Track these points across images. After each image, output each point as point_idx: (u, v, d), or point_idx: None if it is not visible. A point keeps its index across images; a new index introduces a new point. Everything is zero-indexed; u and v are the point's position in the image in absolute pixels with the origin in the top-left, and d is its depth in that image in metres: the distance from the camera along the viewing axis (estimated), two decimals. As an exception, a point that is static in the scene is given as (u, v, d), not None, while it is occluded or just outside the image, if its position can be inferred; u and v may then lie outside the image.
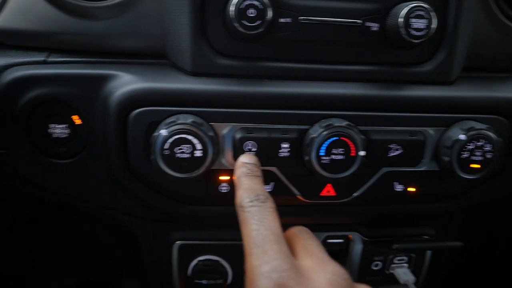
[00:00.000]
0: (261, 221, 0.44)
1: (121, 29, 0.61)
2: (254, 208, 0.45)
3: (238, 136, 0.59)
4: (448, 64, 0.62)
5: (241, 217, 0.46)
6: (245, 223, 0.45)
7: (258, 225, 0.44)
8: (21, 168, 0.65)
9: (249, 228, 0.44)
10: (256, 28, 0.54)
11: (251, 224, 0.44)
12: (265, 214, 0.45)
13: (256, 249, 0.42)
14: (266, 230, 0.43)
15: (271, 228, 0.44)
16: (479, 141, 0.60)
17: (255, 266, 0.41)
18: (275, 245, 0.42)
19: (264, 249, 0.41)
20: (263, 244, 0.42)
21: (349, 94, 0.60)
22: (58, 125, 0.62)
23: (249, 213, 0.45)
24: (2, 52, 0.63)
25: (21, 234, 0.95)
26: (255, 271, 0.40)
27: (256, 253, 0.41)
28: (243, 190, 0.48)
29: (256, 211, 0.45)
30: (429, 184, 0.66)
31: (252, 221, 0.44)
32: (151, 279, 0.81)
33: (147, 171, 0.60)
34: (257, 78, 0.60)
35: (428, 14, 0.56)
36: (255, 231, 0.43)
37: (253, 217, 0.45)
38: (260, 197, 0.47)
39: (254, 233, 0.43)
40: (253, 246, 0.42)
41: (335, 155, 0.58)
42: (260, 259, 0.41)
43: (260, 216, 0.44)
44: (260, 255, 0.41)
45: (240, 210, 0.47)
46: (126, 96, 0.57)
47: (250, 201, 0.46)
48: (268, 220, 0.44)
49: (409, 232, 0.77)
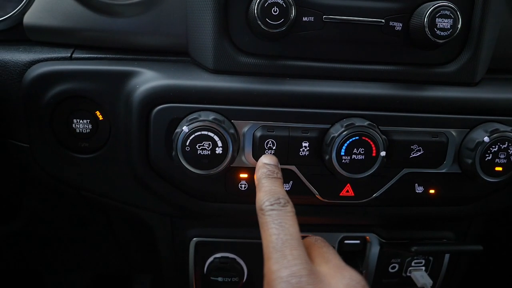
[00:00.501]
0: (281, 225, 0.45)
1: (145, 26, 0.62)
2: (274, 212, 0.46)
3: (259, 134, 0.59)
4: (472, 65, 0.61)
5: (261, 220, 0.47)
6: (265, 226, 0.45)
7: (278, 229, 0.44)
8: (43, 162, 0.66)
9: (268, 232, 0.45)
10: (279, 26, 0.54)
11: (271, 228, 0.45)
12: (285, 218, 0.45)
13: (275, 253, 0.43)
14: (286, 235, 0.44)
15: (290, 233, 0.44)
16: (504, 143, 0.59)
17: (274, 270, 0.41)
18: (294, 250, 0.43)
19: (283, 254, 0.42)
20: (283, 249, 0.43)
21: (371, 94, 0.60)
22: (81, 121, 0.63)
23: (269, 217, 0.46)
24: (28, 48, 0.65)
25: (39, 228, 0.97)
26: (274, 275, 0.41)
27: (275, 258, 0.42)
28: (263, 192, 0.49)
29: (276, 215, 0.46)
30: (450, 187, 0.65)
31: (272, 225, 0.45)
32: (167, 275, 0.81)
33: (168, 167, 0.61)
34: (279, 76, 0.60)
35: (454, 14, 0.55)
36: (275, 235, 0.44)
37: (273, 221, 0.45)
38: (281, 200, 0.47)
39: (274, 238, 0.44)
40: (272, 250, 0.43)
41: (355, 155, 0.58)
42: (279, 264, 0.42)
43: (280, 221, 0.45)
44: (279, 259, 0.42)
45: (260, 213, 0.47)
46: (149, 92, 0.58)
47: (270, 204, 0.47)
48: (288, 225, 0.45)
49: (428, 235, 0.76)
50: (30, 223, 0.94)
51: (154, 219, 0.74)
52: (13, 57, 0.62)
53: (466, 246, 0.73)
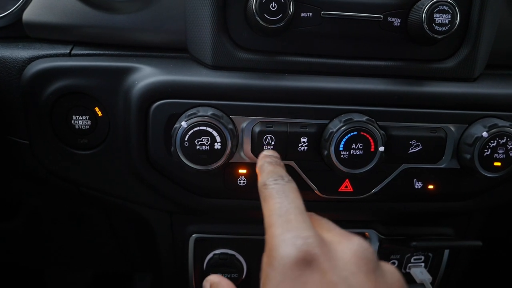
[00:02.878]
0: (285, 195, 0.42)
1: (143, 23, 0.62)
2: (277, 186, 0.44)
3: (257, 129, 0.59)
4: (471, 60, 0.61)
5: (264, 194, 0.44)
6: (268, 198, 0.43)
7: (282, 198, 0.42)
8: (43, 159, 0.66)
9: (272, 202, 0.42)
10: (277, 22, 0.55)
11: (274, 198, 0.42)
12: (289, 191, 0.43)
13: (278, 219, 0.39)
14: (290, 204, 0.41)
15: (295, 202, 0.42)
16: (502, 138, 0.59)
17: (277, 234, 0.38)
18: (299, 216, 0.40)
19: (287, 219, 0.39)
20: (287, 214, 0.40)
21: (370, 89, 0.60)
22: (81, 117, 0.63)
23: (273, 189, 0.43)
24: (28, 45, 0.65)
25: (39, 226, 0.97)
26: (277, 239, 0.37)
27: (279, 223, 0.39)
28: (266, 173, 0.47)
29: (279, 188, 0.43)
30: (449, 182, 0.65)
31: (276, 195, 0.42)
32: (167, 272, 0.81)
33: (167, 162, 0.61)
34: (277, 72, 0.60)
35: (452, 9, 0.55)
36: (278, 203, 0.41)
37: (277, 192, 0.43)
38: (284, 178, 0.45)
39: (277, 206, 0.41)
40: (275, 217, 0.40)
41: (354, 150, 0.58)
42: (282, 228, 0.38)
43: (284, 190, 0.43)
44: (283, 224, 0.39)
45: (263, 188, 0.45)
46: (148, 88, 0.58)
47: (274, 179, 0.45)
48: (292, 196, 0.42)
49: (427, 231, 0.76)
50: (30, 220, 0.94)
51: (153, 216, 0.74)
52: (12, 53, 0.63)
53: (465, 242, 0.73)
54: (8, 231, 0.96)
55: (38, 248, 1.04)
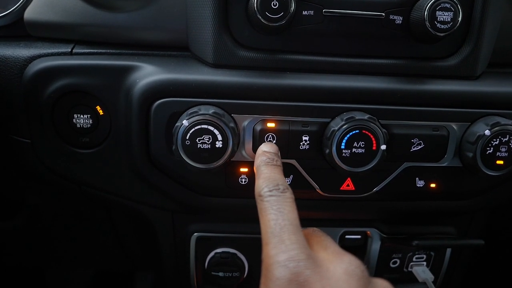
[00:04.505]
0: (280, 211, 0.44)
1: (144, 21, 0.62)
2: (273, 198, 0.45)
3: (259, 128, 0.59)
4: (473, 58, 0.61)
5: (260, 206, 0.46)
6: (263, 212, 0.45)
7: (277, 215, 0.44)
8: (44, 157, 0.66)
9: (267, 218, 0.44)
10: (279, 20, 0.54)
11: (269, 214, 0.44)
12: (283, 204, 0.45)
13: (273, 238, 0.42)
14: (284, 220, 0.43)
15: (289, 218, 0.44)
16: (505, 136, 0.59)
17: (272, 255, 0.41)
18: (292, 235, 0.42)
19: (281, 239, 0.42)
20: (281, 234, 0.42)
21: (371, 88, 0.60)
22: (82, 115, 0.63)
23: (268, 203, 0.45)
24: (29, 44, 0.65)
25: (41, 224, 0.97)
26: (272, 260, 0.41)
27: (273, 243, 0.42)
28: (262, 179, 0.48)
29: (274, 201, 0.45)
30: (451, 181, 0.65)
31: (271, 210, 0.44)
32: (168, 270, 0.81)
33: (168, 161, 0.61)
34: (279, 70, 0.60)
35: (454, 7, 0.55)
36: (273, 220, 0.43)
37: (272, 206, 0.45)
38: (280, 187, 0.47)
39: (272, 223, 0.43)
40: (270, 235, 0.43)
41: (356, 149, 0.58)
42: (277, 249, 0.41)
43: (279, 206, 0.45)
44: (277, 244, 0.41)
45: (259, 199, 0.47)
46: (149, 86, 0.58)
47: (269, 190, 0.46)
48: (287, 211, 0.44)
49: (429, 230, 0.75)
50: (32, 219, 0.94)
51: (155, 215, 0.74)
52: (14, 52, 0.63)
53: (468, 241, 0.72)
54: (10, 230, 0.96)
55: (39, 247, 1.04)
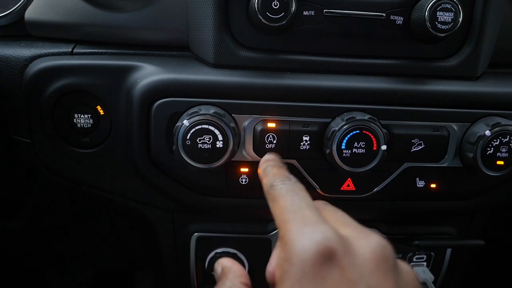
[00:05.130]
0: (296, 193, 0.41)
1: (145, 21, 0.62)
2: (286, 185, 0.42)
3: (259, 128, 0.59)
4: (474, 59, 0.61)
5: (272, 194, 0.42)
6: (278, 197, 0.41)
7: (293, 196, 0.40)
8: (45, 157, 0.66)
9: (283, 200, 0.40)
10: (280, 20, 0.54)
11: (285, 196, 0.40)
12: (297, 189, 0.42)
13: (293, 214, 0.38)
14: (302, 200, 0.39)
15: (306, 199, 0.40)
16: (505, 137, 0.59)
17: (293, 229, 0.36)
18: (314, 210, 0.38)
19: (303, 214, 0.37)
20: (300, 210, 0.38)
21: (372, 88, 0.60)
22: (83, 115, 0.63)
23: (282, 189, 0.41)
24: (30, 44, 0.65)
25: (41, 224, 0.97)
26: (294, 233, 0.35)
27: (294, 218, 0.37)
28: (271, 175, 0.45)
29: (288, 187, 0.42)
30: (452, 181, 0.65)
31: (286, 193, 0.41)
32: (168, 270, 0.81)
33: (169, 161, 0.61)
34: (280, 70, 0.60)
35: (455, 7, 0.55)
36: (290, 201, 0.39)
37: (287, 191, 0.41)
38: (291, 178, 0.44)
39: (289, 203, 0.39)
40: (289, 213, 0.38)
41: (356, 149, 0.58)
42: (298, 222, 0.36)
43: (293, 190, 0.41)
44: (298, 219, 0.37)
45: (270, 190, 0.43)
46: (150, 86, 0.58)
47: (281, 180, 0.43)
48: (302, 195, 0.41)
49: (430, 230, 0.75)
50: (32, 219, 0.94)
51: (155, 214, 0.74)
52: (15, 52, 0.63)
53: (468, 241, 0.72)
54: (10, 230, 0.96)
55: (39, 247, 1.05)
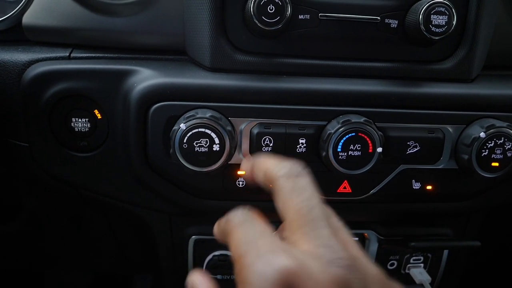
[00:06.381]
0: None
1: (142, 25, 0.63)
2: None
3: (256, 131, 0.59)
4: (468, 61, 0.62)
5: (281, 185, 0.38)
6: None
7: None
8: (42, 161, 0.66)
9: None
10: (275, 24, 0.55)
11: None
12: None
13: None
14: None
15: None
16: (500, 139, 0.59)
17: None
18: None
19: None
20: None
21: (367, 91, 0.60)
22: (80, 119, 0.64)
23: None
24: (27, 48, 0.65)
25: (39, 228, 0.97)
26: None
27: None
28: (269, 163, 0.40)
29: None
30: (447, 183, 0.65)
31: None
32: (166, 273, 0.81)
33: (166, 164, 0.61)
34: (276, 74, 0.61)
35: (449, 11, 0.55)
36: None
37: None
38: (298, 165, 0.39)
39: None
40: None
41: (352, 151, 0.58)
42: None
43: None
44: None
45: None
46: (147, 90, 0.58)
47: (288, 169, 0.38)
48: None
49: (426, 231, 0.76)
50: (30, 223, 0.94)
51: (153, 218, 0.74)
52: (12, 57, 0.63)
53: (464, 242, 0.73)
54: (8, 234, 0.96)
55: (38, 251, 1.04)
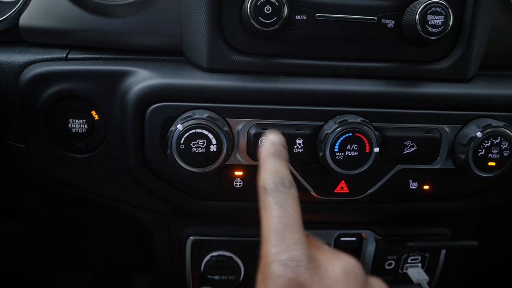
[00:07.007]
0: (284, 208, 0.42)
1: (139, 26, 0.63)
2: (278, 194, 0.43)
3: (253, 131, 0.59)
4: (465, 61, 0.62)
5: (263, 200, 0.44)
6: (267, 207, 0.43)
7: (280, 211, 0.42)
8: (40, 163, 0.66)
9: (270, 214, 0.42)
10: (272, 25, 0.55)
11: (273, 209, 0.42)
12: (288, 201, 0.43)
13: (275, 236, 0.41)
14: (289, 219, 0.42)
15: (293, 217, 0.42)
16: (496, 138, 0.59)
17: (272, 253, 0.40)
18: (295, 235, 0.41)
19: (283, 237, 0.41)
20: (283, 232, 0.41)
21: (364, 91, 0.60)
22: (77, 120, 0.64)
23: (273, 198, 0.43)
24: (24, 49, 0.65)
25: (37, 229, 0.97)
26: (272, 258, 0.40)
27: (275, 241, 0.41)
28: (268, 171, 0.46)
29: (280, 197, 0.43)
30: (444, 182, 0.66)
31: (275, 206, 0.42)
32: (164, 274, 0.82)
33: (163, 165, 0.61)
34: (273, 74, 0.61)
35: (445, 11, 0.56)
36: (277, 218, 0.42)
37: (276, 202, 0.43)
38: (286, 182, 0.44)
39: (275, 220, 0.42)
40: (272, 233, 0.41)
41: (349, 151, 0.58)
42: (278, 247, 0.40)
43: (283, 203, 0.43)
44: (279, 243, 0.40)
45: (263, 192, 0.44)
46: (144, 91, 0.58)
47: (274, 184, 0.44)
48: (291, 209, 0.43)
49: (424, 231, 0.76)
50: (28, 224, 0.94)
51: (151, 218, 0.74)
52: (9, 58, 0.63)
53: (461, 242, 0.73)
54: (6, 235, 0.96)
55: (36, 252, 1.04)
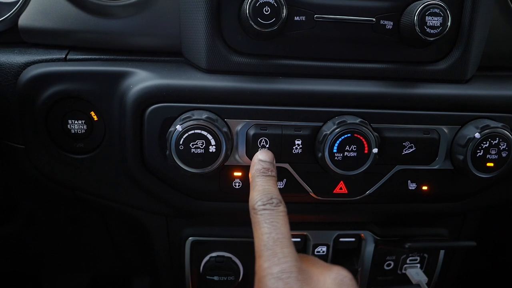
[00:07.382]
0: (273, 224, 0.46)
1: (138, 27, 0.63)
2: (266, 212, 0.47)
3: (252, 132, 0.59)
4: (463, 62, 0.62)
5: (254, 219, 0.48)
6: (257, 225, 0.47)
7: (270, 228, 0.46)
8: (39, 163, 0.66)
9: (260, 231, 0.46)
10: (271, 26, 0.55)
11: (263, 227, 0.46)
12: (277, 218, 0.47)
13: (266, 251, 0.44)
14: (277, 234, 0.45)
15: (282, 232, 0.46)
16: (495, 139, 0.59)
17: (265, 267, 0.43)
18: (285, 249, 0.44)
19: (274, 252, 0.44)
20: (274, 247, 0.44)
21: (363, 92, 0.60)
22: (76, 121, 0.64)
23: (262, 216, 0.47)
24: (23, 50, 0.65)
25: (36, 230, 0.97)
26: (265, 272, 0.43)
27: (267, 255, 0.44)
28: (256, 191, 0.50)
29: (268, 215, 0.47)
30: (443, 183, 0.66)
31: (264, 224, 0.46)
32: (164, 275, 0.82)
33: (162, 166, 0.61)
34: (272, 75, 0.61)
35: (443, 12, 0.56)
36: (266, 234, 0.45)
37: (265, 220, 0.46)
38: (273, 200, 0.48)
39: (265, 237, 0.45)
40: (263, 248, 0.45)
41: (348, 152, 0.59)
42: (270, 261, 0.43)
43: (272, 220, 0.46)
44: (270, 257, 0.43)
45: (252, 212, 0.48)
46: (143, 92, 0.58)
47: (263, 204, 0.48)
48: (280, 225, 0.46)
49: (422, 232, 0.76)
50: (27, 224, 0.94)
51: (150, 219, 0.74)
52: (8, 59, 0.63)
53: (460, 242, 0.73)
54: (5, 236, 0.96)
55: (35, 253, 1.04)
